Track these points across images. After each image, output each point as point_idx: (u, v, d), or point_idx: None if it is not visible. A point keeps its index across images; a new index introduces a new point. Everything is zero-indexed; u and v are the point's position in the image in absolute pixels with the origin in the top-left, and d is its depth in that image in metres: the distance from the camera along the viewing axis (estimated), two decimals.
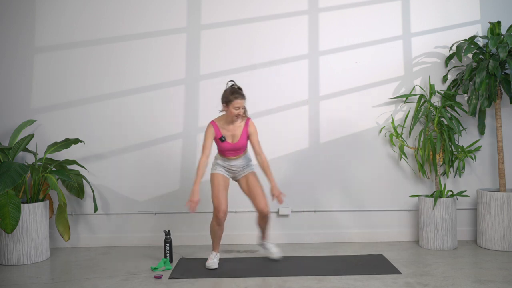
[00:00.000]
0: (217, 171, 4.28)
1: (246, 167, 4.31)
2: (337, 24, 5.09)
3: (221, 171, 4.28)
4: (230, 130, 4.18)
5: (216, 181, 4.24)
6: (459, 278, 3.87)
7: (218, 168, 4.29)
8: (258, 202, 4.23)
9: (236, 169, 4.29)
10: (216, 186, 4.22)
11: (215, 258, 4.26)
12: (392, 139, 5.05)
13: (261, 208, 4.24)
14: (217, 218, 4.17)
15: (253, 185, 4.26)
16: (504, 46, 4.53)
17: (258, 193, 4.24)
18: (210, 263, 4.21)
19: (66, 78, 5.07)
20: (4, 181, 4.15)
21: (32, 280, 4.02)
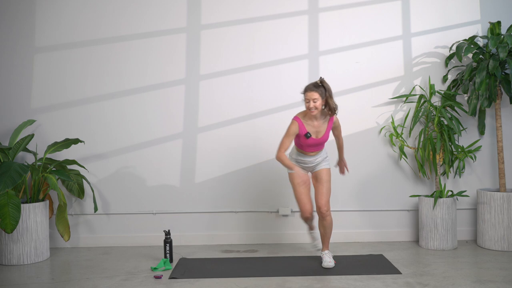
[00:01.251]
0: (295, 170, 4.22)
1: (321, 162, 4.26)
2: (337, 24, 5.09)
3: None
4: (315, 126, 4.14)
5: (297, 181, 4.18)
6: (459, 278, 3.87)
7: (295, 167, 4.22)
8: (320, 197, 4.19)
9: (311, 164, 4.25)
10: (299, 187, 4.19)
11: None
12: (392, 139, 5.05)
13: (320, 204, 4.18)
14: (306, 218, 4.28)
15: (323, 181, 4.21)
16: (504, 46, 4.53)
17: (323, 189, 4.20)
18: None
19: (66, 78, 5.07)
20: (4, 181, 4.15)
21: (32, 280, 4.02)
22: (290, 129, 4.11)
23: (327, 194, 4.21)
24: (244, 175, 5.07)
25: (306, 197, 4.21)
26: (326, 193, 4.20)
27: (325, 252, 4.28)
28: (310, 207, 4.21)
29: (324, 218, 4.20)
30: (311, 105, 4.04)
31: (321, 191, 4.20)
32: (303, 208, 4.21)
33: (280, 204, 5.09)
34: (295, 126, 4.11)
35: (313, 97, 4.03)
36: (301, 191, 4.19)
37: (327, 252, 4.27)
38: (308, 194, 4.23)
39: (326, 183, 4.21)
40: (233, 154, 5.07)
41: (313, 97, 4.03)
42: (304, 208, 4.20)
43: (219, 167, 5.08)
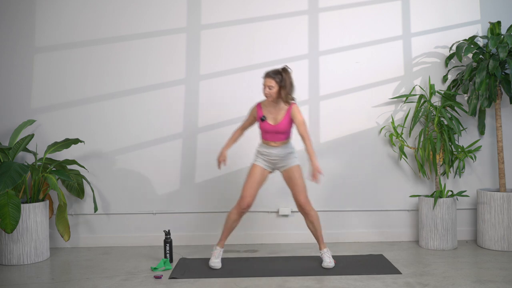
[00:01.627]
0: (257, 162, 4.25)
1: (287, 158, 4.23)
2: (337, 24, 5.09)
3: (261, 163, 4.24)
4: (273, 112, 4.17)
5: (253, 172, 4.22)
6: (459, 278, 3.87)
7: (259, 160, 4.25)
8: (298, 195, 4.19)
9: (276, 158, 4.21)
10: (251, 177, 4.21)
11: (219, 257, 4.24)
12: (392, 139, 5.05)
13: (301, 202, 4.19)
14: (240, 208, 4.18)
15: (295, 179, 4.20)
16: (504, 46, 4.53)
17: (299, 186, 4.20)
18: (214, 263, 4.20)
19: (66, 78, 5.07)
20: (4, 181, 4.15)
21: (32, 280, 4.02)
22: (250, 111, 4.29)
23: (304, 191, 4.21)
24: (244, 175, 5.06)
25: (253, 189, 4.19)
26: (302, 190, 4.21)
27: (323, 251, 4.27)
28: (251, 199, 4.18)
29: (308, 213, 4.21)
30: (266, 91, 4.08)
31: (297, 189, 4.21)
32: (245, 194, 4.16)
33: (280, 204, 5.09)
34: (254, 109, 4.26)
35: (268, 84, 4.07)
36: (253, 181, 4.20)
37: (326, 251, 4.26)
38: (257, 188, 4.22)
39: (299, 180, 4.21)
40: (233, 154, 5.06)
41: (268, 83, 4.07)
42: (245, 195, 4.16)
43: None
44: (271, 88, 4.06)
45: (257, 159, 4.26)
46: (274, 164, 4.26)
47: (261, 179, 4.23)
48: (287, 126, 4.17)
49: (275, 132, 4.17)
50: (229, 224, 4.24)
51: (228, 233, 4.27)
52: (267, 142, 4.22)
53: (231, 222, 4.24)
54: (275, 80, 4.05)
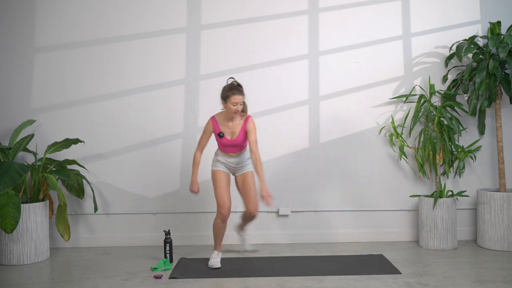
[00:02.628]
0: (218, 168, 4.30)
1: (245, 164, 4.33)
2: (337, 24, 5.09)
3: (222, 168, 4.30)
4: (230, 127, 4.19)
5: (218, 178, 4.26)
6: (459, 278, 3.87)
7: (219, 165, 4.30)
8: (249, 203, 4.30)
9: (235, 165, 4.32)
10: (219, 183, 4.24)
11: (217, 258, 4.26)
12: (392, 139, 5.05)
13: (251, 210, 4.32)
14: (222, 215, 4.21)
15: (248, 185, 4.29)
16: (504, 46, 4.53)
17: (251, 194, 4.29)
18: (213, 262, 4.22)
19: (66, 78, 5.07)
20: (4, 181, 4.15)
21: (32, 280, 4.02)
22: (206, 128, 4.25)
23: (256, 199, 4.28)
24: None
25: (226, 193, 4.23)
26: (254, 198, 4.29)
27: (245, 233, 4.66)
28: (228, 203, 4.22)
29: (254, 217, 4.39)
30: (237, 107, 4.09)
31: (249, 195, 4.29)
32: (221, 202, 4.19)
33: (280, 204, 5.08)
34: (210, 125, 4.22)
35: (241, 101, 4.10)
36: (222, 186, 4.23)
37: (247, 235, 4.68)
38: (228, 190, 4.27)
39: (252, 186, 4.29)
40: None
41: (240, 100, 4.10)
42: (223, 203, 4.19)
43: None
44: (241, 104, 4.12)
45: (216, 165, 4.32)
46: (233, 169, 4.36)
47: (228, 181, 4.31)
48: (244, 138, 4.23)
49: (233, 146, 4.23)
50: (217, 231, 4.30)
51: (220, 238, 4.32)
52: (226, 153, 4.28)
53: (217, 230, 4.29)
54: (242, 95, 4.12)
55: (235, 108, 4.09)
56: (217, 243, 4.32)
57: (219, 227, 4.26)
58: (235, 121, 4.19)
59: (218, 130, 4.19)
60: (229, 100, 4.08)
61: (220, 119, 4.21)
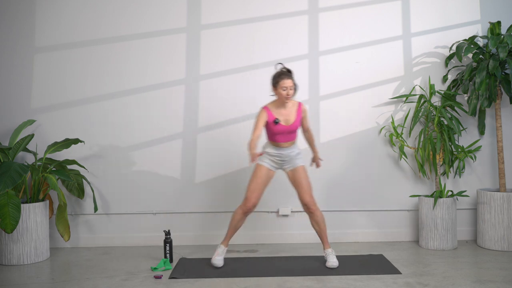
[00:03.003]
0: (263, 163, 4.22)
1: (294, 158, 4.24)
2: (337, 24, 5.09)
3: (267, 164, 4.22)
4: (283, 114, 4.14)
5: (259, 174, 4.19)
6: (459, 278, 3.87)
7: (265, 160, 4.22)
8: (304, 194, 4.20)
9: (285, 158, 4.22)
10: (257, 178, 4.19)
11: (222, 255, 4.25)
12: (392, 139, 5.05)
13: (306, 201, 4.20)
14: (245, 208, 4.18)
15: (301, 179, 4.21)
16: (504, 46, 4.53)
17: (304, 186, 4.21)
18: (217, 261, 4.21)
19: (66, 78, 5.07)
20: (4, 181, 4.15)
21: (32, 280, 4.02)
22: (259, 115, 4.12)
23: (310, 190, 4.23)
24: (244, 175, 5.07)
25: (258, 189, 4.18)
26: (308, 189, 4.23)
27: (328, 250, 4.27)
28: (256, 200, 4.18)
29: (314, 213, 4.23)
30: (288, 92, 4.06)
31: (303, 188, 4.22)
32: (250, 195, 4.15)
33: (280, 204, 5.09)
34: (264, 113, 4.12)
35: (290, 85, 4.07)
36: (258, 182, 4.18)
37: (330, 251, 4.27)
38: (263, 189, 4.22)
39: (305, 180, 4.23)
40: (233, 154, 5.07)
41: (290, 84, 4.06)
42: (251, 197, 4.15)
43: (219, 167, 5.08)
44: (292, 88, 4.07)
45: (263, 160, 4.23)
46: (280, 165, 4.27)
47: (267, 179, 4.23)
48: (299, 124, 4.20)
49: (288, 132, 4.16)
50: (234, 224, 4.26)
51: (233, 232, 4.29)
52: (277, 143, 4.20)
53: (236, 222, 4.25)
54: (292, 79, 4.08)
55: (285, 93, 4.05)
56: (228, 236, 4.28)
57: (237, 219, 4.23)
58: (288, 108, 4.15)
59: (272, 117, 4.11)
60: (278, 85, 4.05)
61: (272, 108, 4.16)
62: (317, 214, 4.23)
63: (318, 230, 4.29)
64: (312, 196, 4.23)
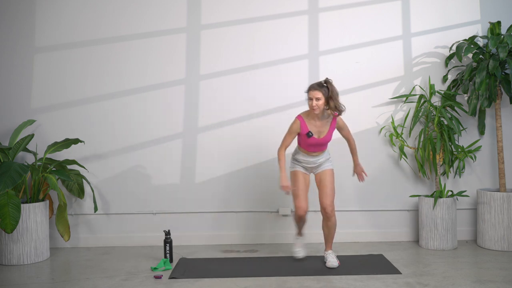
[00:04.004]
0: (296, 168, 4.27)
1: (324, 163, 4.28)
2: (337, 24, 5.09)
3: (300, 169, 4.27)
4: (318, 126, 4.16)
5: (296, 179, 4.24)
6: (459, 278, 3.87)
7: (297, 165, 4.28)
8: (325, 198, 4.21)
9: (314, 165, 4.27)
10: (297, 185, 4.22)
11: (300, 246, 4.44)
12: (392, 139, 5.05)
13: (325, 205, 4.19)
14: (298, 216, 4.25)
15: (326, 182, 4.23)
16: (504, 46, 4.53)
17: (327, 190, 4.22)
18: (296, 252, 4.44)
19: (66, 78, 5.07)
20: (4, 181, 4.15)
21: (32, 280, 4.02)
22: (292, 127, 4.17)
23: (332, 195, 4.23)
24: (244, 175, 5.07)
25: (303, 195, 4.22)
26: (330, 194, 4.22)
27: (328, 252, 4.30)
28: (305, 205, 4.21)
29: (329, 218, 4.22)
30: (313, 103, 4.06)
31: (326, 192, 4.22)
32: (299, 204, 4.21)
33: (280, 204, 5.09)
34: (297, 124, 4.16)
35: (316, 96, 4.06)
36: (299, 187, 4.21)
37: (330, 252, 4.30)
38: (306, 192, 4.25)
39: (330, 184, 4.23)
40: (233, 154, 5.07)
41: (316, 95, 4.06)
42: (300, 205, 4.20)
43: (219, 167, 5.08)
44: (318, 100, 4.07)
45: (295, 166, 4.29)
46: (310, 169, 4.32)
47: (306, 183, 4.29)
48: (330, 138, 4.23)
49: (318, 145, 4.20)
50: (297, 223, 4.40)
51: (301, 227, 4.44)
52: (308, 152, 4.24)
53: (297, 223, 4.39)
54: (321, 92, 4.07)
55: (311, 104, 4.07)
56: (298, 230, 4.49)
57: (298, 221, 4.36)
58: (323, 120, 4.17)
59: (306, 130, 4.14)
60: (308, 95, 4.10)
61: (307, 118, 4.18)
62: (332, 220, 4.24)
63: (327, 234, 4.31)
64: (333, 201, 4.23)
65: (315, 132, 4.15)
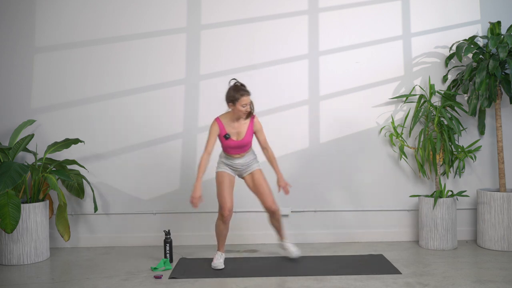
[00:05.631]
0: (221, 169, 4.27)
1: (251, 164, 4.29)
2: (337, 24, 5.09)
3: (226, 169, 4.27)
4: (236, 127, 4.16)
5: (221, 179, 4.23)
6: (459, 278, 3.87)
7: (223, 167, 4.28)
8: (265, 199, 4.24)
9: (240, 167, 4.28)
10: (221, 184, 4.21)
11: (220, 258, 4.26)
12: (392, 139, 5.05)
13: (269, 205, 4.25)
14: (223, 217, 4.18)
15: (259, 183, 4.25)
16: (504, 46, 4.53)
17: (264, 190, 4.24)
18: (217, 264, 4.21)
19: (66, 78, 5.07)
20: (4, 181, 4.15)
21: (32, 280, 4.02)
22: (212, 130, 4.15)
23: (270, 193, 4.27)
24: None
25: (228, 194, 4.20)
26: (269, 193, 4.26)
27: (285, 241, 4.47)
28: (230, 205, 4.19)
29: (275, 212, 4.31)
30: (247, 109, 4.09)
31: (263, 192, 4.25)
32: (223, 204, 4.17)
33: (280, 204, 5.08)
34: (216, 126, 4.15)
35: (249, 101, 4.10)
36: (224, 188, 4.19)
37: (288, 242, 4.47)
38: (231, 192, 4.23)
39: (264, 183, 4.27)
40: None
41: (249, 101, 4.10)
42: (225, 205, 4.17)
43: None
44: (249, 105, 4.11)
45: (221, 167, 4.28)
46: (239, 171, 4.32)
47: (231, 183, 4.27)
48: (250, 138, 4.22)
49: (239, 147, 4.19)
50: (219, 232, 4.29)
51: (223, 239, 4.31)
52: (231, 155, 4.24)
53: (220, 230, 4.28)
54: (250, 95, 4.11)
55: (245, 109, 4.08)
56: (220, 244, 4.31)
57: (221, 228, 4.25)
58: (241, 121, 4.17)
59: (224, 132, 4.14)
60: (238, 102, 4.05)
61: (225, 120, 4.17)
62: (278, 213, 4.32)
63: (277, 226, 4.40)
64: (273, 198, 4.28)
65: (233, 134, 4.15)
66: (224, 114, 4.21)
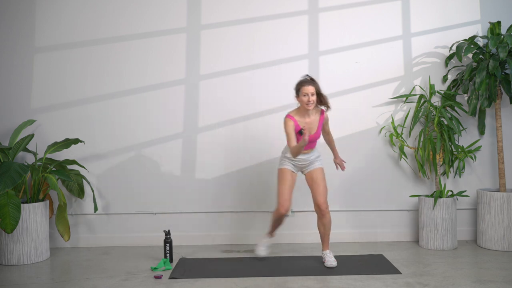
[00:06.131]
0: (285, 166, 4.27)
1: (314, 161, 4.29)
2: (337, 24, 5.09)
3: (289, 167, 4.27)
4: (308, 123, 4.17)
5: (284, 176, 4.25)
6: (459, 278, 3.87)
7: (286, 163, 4.27)
8: (319, 195, 4.22)
9: (305, 163, 4.27)
10: (284, 182, 4.24)
11: (263, 246, 4.44)
12: (392, 139, 5.05)
13: (320, 202, 4.22)
14: (280, 213, 4.25)
15: (318, 180, 4.25)
16: (504, 46, 4.53)
17: (320, 187, 4.24)
18: (259, 251, 4.43)
19: (66, 78, 5.07)
20: (4, 181, 4.15)
21: (32, 280, 4.02)
22: (288, 126, 4.14)
23: (325, 192, 4.25)
24: (244, 175, 5.07)
25: (288, 193, 4.23)
26: (323, 192, 4.24)
27: (326, 252, 4.30)
28: (288, 204, 4.22)
29: (324, 215, 4.23)
30: (309, 99, 4.06)
31: (319, 190, 4.23)
32: (282, 202, 4.21)
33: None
34: (291, 122, 4.15)
35: (311, 91, 4.08)
36: (286, 185, 4.23)
37: (328, 252, 4.29)
38: (291, 191, 4.26)
39: (322, 182, 4.26)
40: (233, 154, 5.07)
41: (311, 91, 4.08)
42: (284, 204, 4.20)
43: (219, 167, 5.08)
44: (313, 95, 4.09)
45: (284, 164, 4.29)
46: (300, 168, 4.32)
47: (292, 181, 4.29)
48: (320, 134, 4.25)
49: (310, 142, 4.18)
50: (275, 221, 4.38)
51: (275, 227, 4.43)
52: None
53: (276, 220, 4.37)
54: (314, 86, 4.09)
55: (306, 99, 4.06)
56: (272, 229, 4.47)
57: (276, 219, 4.34)
58: (312, 117, 4.18)
59: (298, 128, 4.15)
60: (300, 92, 4.08)
61: (296, 117, 4.17)
62: (327, 217, 4.25)
63: (323, 232, 4.30)
64: (326, 198, 4.25)
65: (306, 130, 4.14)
66: (294, 110, 4.22)
